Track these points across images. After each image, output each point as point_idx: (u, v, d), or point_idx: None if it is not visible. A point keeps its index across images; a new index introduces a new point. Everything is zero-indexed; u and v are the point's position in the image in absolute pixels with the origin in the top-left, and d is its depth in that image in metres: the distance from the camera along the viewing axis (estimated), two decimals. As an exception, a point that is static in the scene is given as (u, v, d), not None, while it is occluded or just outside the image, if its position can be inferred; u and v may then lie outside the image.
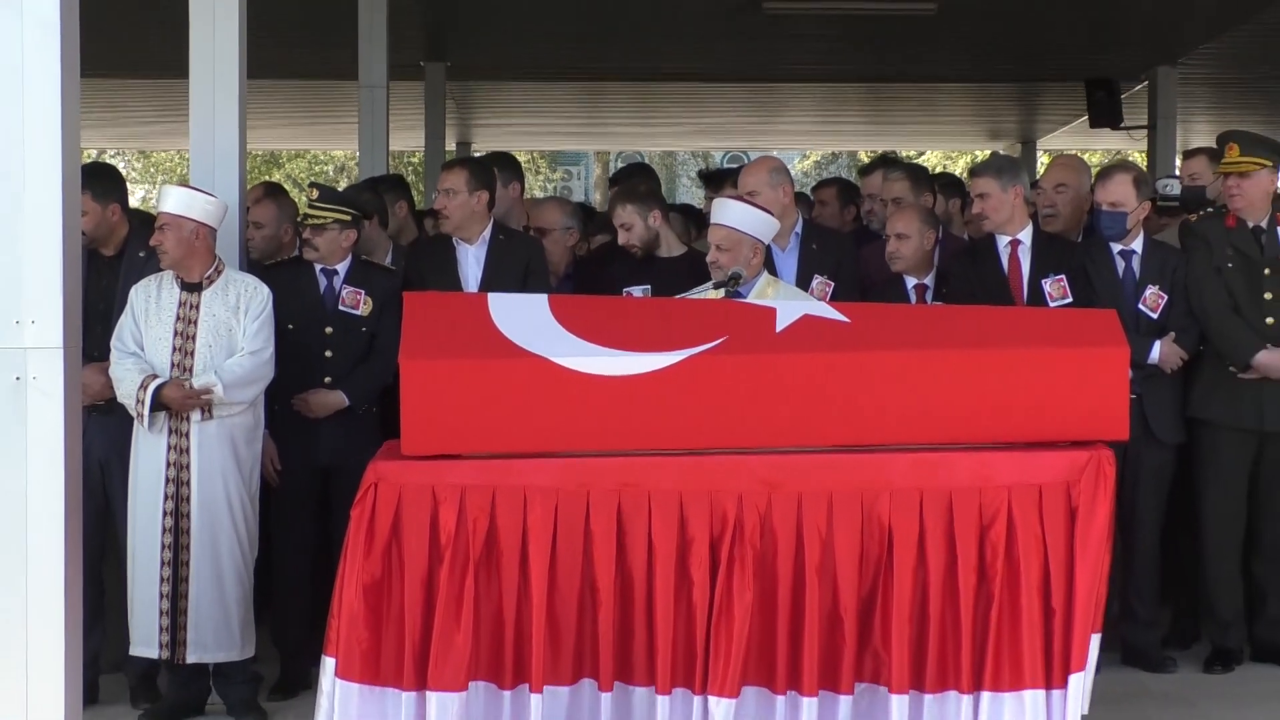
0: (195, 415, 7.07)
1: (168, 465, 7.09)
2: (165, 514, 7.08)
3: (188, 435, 7.09)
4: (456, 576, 6.05)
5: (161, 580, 7.07)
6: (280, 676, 7.61)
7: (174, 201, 7.19)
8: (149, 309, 7.16)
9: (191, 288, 7.18)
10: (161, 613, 7.06)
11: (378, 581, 6.06)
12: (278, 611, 7.53)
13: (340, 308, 7.71)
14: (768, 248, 7.77)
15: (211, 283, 7.22)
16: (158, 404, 6.98)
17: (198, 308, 7.17)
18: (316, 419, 7.58)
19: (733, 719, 6.06)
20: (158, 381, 6.98)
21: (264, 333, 7.21)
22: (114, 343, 7.15)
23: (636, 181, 9.38)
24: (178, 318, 7.14)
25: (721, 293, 7.02)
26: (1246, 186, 7.94)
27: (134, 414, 7.04)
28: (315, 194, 7.90)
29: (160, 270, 7.36)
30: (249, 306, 7.21)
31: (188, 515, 7.09)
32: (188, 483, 7.09)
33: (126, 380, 7.03)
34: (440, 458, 6.17)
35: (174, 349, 7.11)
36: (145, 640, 7.11)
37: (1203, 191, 8.91)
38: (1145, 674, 7.73)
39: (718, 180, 9.98)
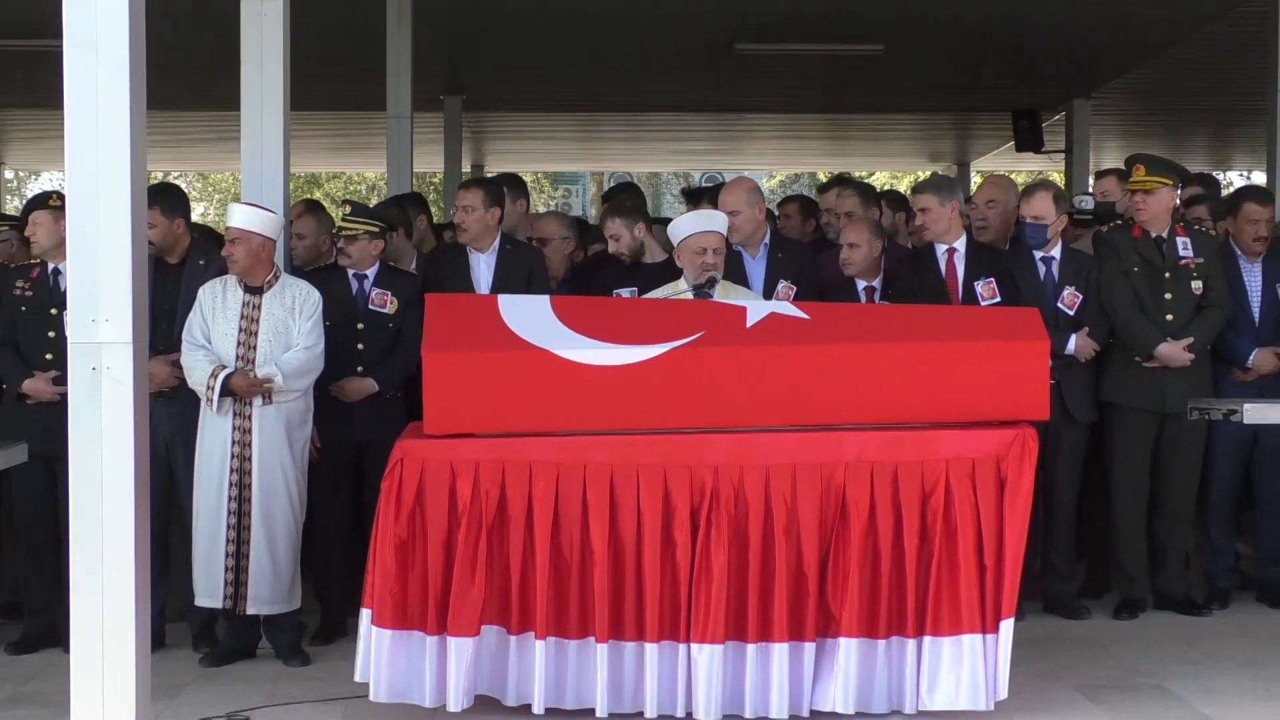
0: (257, 401, 7.07)
1: (232, 443, 7.09)
2: (230, 484, 7.08)
3: (250, 418, 7.09)
4: (471, 538, 6.07)
5: (226, 541, 7.07)
6: (321, 625, 7.59)
7: (243, 218, 7.18)
8: (215, 308, 7.16)
9: (254, 290, 7.17)
10: (226, 569, 7.07)
11: (405, 543, 6.08)
12: (319, 569, 7.53)
13: (370, 307, 7.72)
14: (740, 255, 7.87)
15: (271, 286, 7.22)
16: (225, 390, 7.00)
17: (259, 308, 7.17)
18: (351, 403, 7.58)
19: (715, 663, 6.10)
20: (226, 371, 6.99)
21: (316, 331, 7.22)
22: (185, 336, 7.14)
23: (624, 198, 9.37)
24: (242, 316, 7.13)
25: (691, 293, 7.03)
26: (1151, 202, 7.95)
27: (204, 399, 7.03)
28: (349, 210, 7.96)
29: (217, 275, 7.36)
30: (303, 308, 7.22)
31: (249, 486, 7.09)
32: (249, 458, 7.10)
33: (198, 369, 7.03)
34: (457, 436, 6.19)
35: (239, 343, 7.10)
36: (210, 593, 7.12)
37: (1113, 206, 8.90)
38: (1063, 620, 7.74)
39: (697, 196, 9.96)
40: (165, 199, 7.65)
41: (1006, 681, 6.18)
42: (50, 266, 7.50)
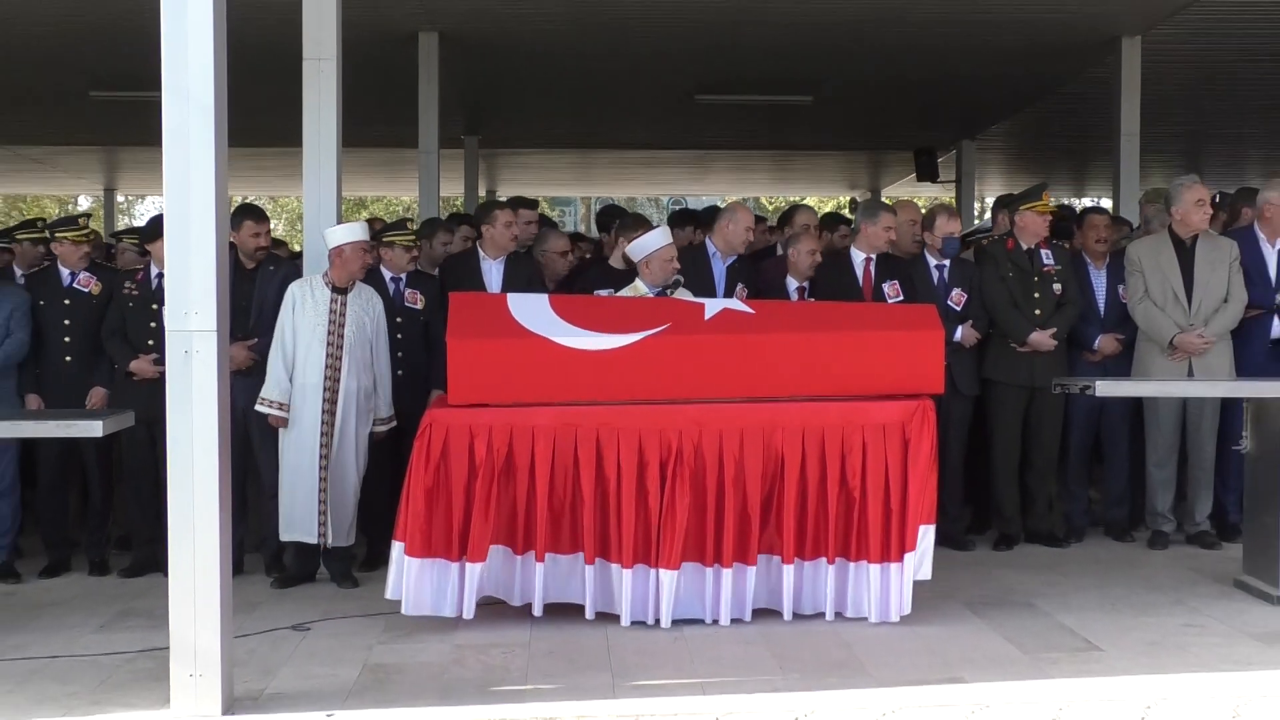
0: (342, 389, 7.10)
1: (322, 419, 7.08)
2: (321, 447, 7.08)
3: (336, 402, 7.11)
4: (485, 486, 6.09)
5: (320, 491, 7.08)
6: (366, 555, 7.57)
7: (360, 231, 7.31)
8: (304, 303, 7.12)
9: (340, 291, 7.16)
10: (319, 513, 7.09)
11: (431, 490, 6.10)
12: (365, 510, 7.49)
13: (404, 303, 7.70)
14: (709, 257, 7.90)
15: (352, 288, 7.20)
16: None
17: (344, 306, 7.15)
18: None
19: (675, 585, 6.14)
20: (272, 410, 7.11)
21: (387, 342, 7.36)
22: (276, 335, 7.12)
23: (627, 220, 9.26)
24: (330, 310, 7.11)
25: (651, 291, 7.00)
26: (1031, 224, 8.01)
27: (262, 404, 7.10)
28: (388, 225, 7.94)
29: (284, 279, 7.37)
30: (375, 314, 7.27)
31: (333, 449, 7.09)
32: (333, 432, 7.10)
33: (271, 382, 7.09)
34: (474, 406, 6.20)
35: (328, 333, 7.09)
36: (306, 530, 7.12)
37: (990, 227, 8.95)
38: (954, 551, 7.75)
39: (682, 219, 9.88)
40: (255, 216, 7.69)
41: (910, 599, 6.21)
42: (153, 271, 7.47)
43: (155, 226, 7.46)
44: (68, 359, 7.65)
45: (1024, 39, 12.08)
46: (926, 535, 6.22)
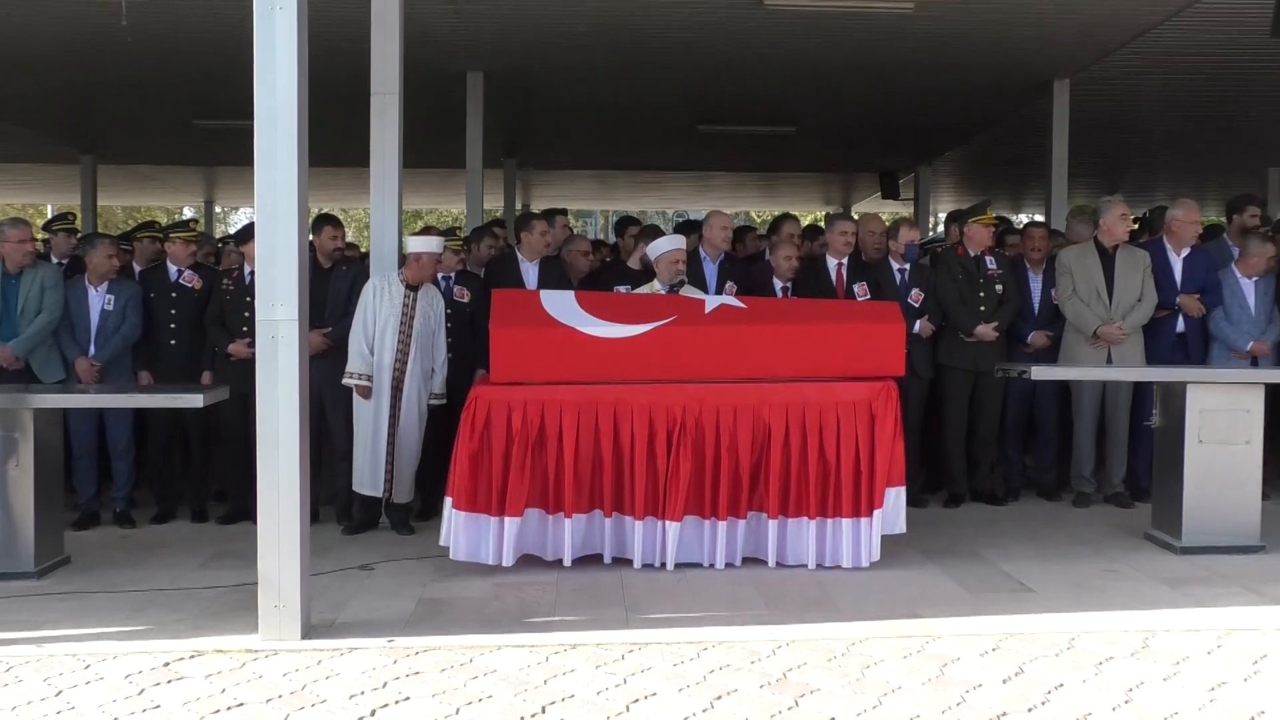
0: (408, 369, 7.07)
1: (391, 394, 7.06)
2: (390, 418, 7.05)
3: (403, 376, 7.08)
4: (521, 452, 6.07)
5: (386, 455, 7.06)
6: (421, 508, 7.56)
7: (435, 245, 7.27)
8: (381, 295, 7.09)
9: (412, 289, 7.13)
10: (386, 471, 7.07)
11: (475, 454, 6.08)
12: (423, 470, 7.47)
13: (454, 298, 7.66)
14: (700, 260, 7.84)
15: (422, 287, 7.17)
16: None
17: (415, 301, 7.12)
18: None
19: (678, 535, 6.12)
20: (360, 381, 7.05)
21: (444, 334, 7.29)
22: (355, 322, 7.09)
23: (644, 227, 9.23)
24: (404, 304, 7.09)
25: (664, 289, 6.98)
26: (978, 235, 7.97)
27: (350, 377, 7.06)
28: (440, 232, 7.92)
29: (354, 278, 7.36)
30: (438, 310, 7.24)
31: (399, 419, 7.07)
32: (401, 403, 7.07)
33: (356, 356, 7.05)
34: (512, 384, 6.17)
35: (400, 324, 7.07)
36: (374, 486, 7.11)
37: (944, 237, 8.90)
38: (911, 508, 7.63)
39: (686, 229, 9.85)
40: (334, 222, 7.75)
41: (878, 548, 6.20)
42: (246, 268, 7.45)
43: (246, 232, 7.46)
44: (172, 342, 7.67)
45: (970, 82, 12.10)
46: (896, 496, 6.21)
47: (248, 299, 7.20)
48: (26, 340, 7.22)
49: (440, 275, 7.66)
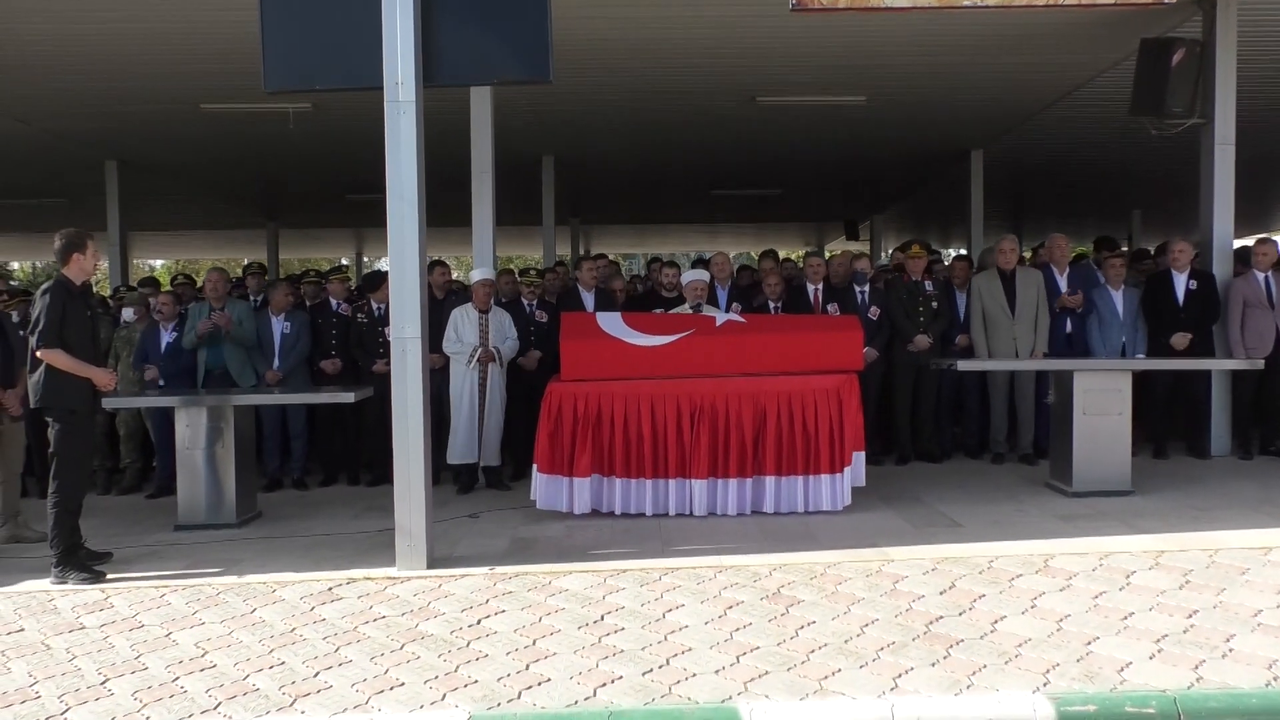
0: (493, 365, 7.05)
1: (479, 383, 7.01)
2: (477, 404, 7.00)
3: (487, 371, 7.04)
4: (585, 431, 6.03)
5: (477, 430, 7.02)
6: (513, 471, 7.55)
7: (485, 273, 7.22)
8: (464, 321, 7.06)
9: (484, 312, 7.11)
10: (475, 440, 7.01)
11: (552, 432, 6.05)
12: (515, 444, 7.44)
13: (534, 319, 7.62)
14: (714, 288, 7.75)
15: (490, 310, 7.14)
16: (473, 358, 6.98)
17: (487, 321, 7.09)
18: (530, 367, 7.46)
19: (703, 491, 6.08)
20: (477, 350, 6.96)
21: (514, 333, 7.19)
22: (447, 334, 7.03)
23: (670, 261, 9.11)
24: (480, 326, 7.05)
25: (688, 309, 6.95)
26: (912, 265, 7.86)
27: (465, 362, 6.95)
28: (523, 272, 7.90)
29: (453, 307, 7.32)
30: (505, 323, 7.16)
31: (485, 403, 7.03)
32: (486, 391, 7.04)
33: (451, 345, 7.01)
34: (578, 381, 6.13)
35: (479, 338, 7.01)
36: (464, 455, 7.06)
37: (889, 266, 8.77)
38: (872, 465, 7.61)
39: (702, 264, 9.79)
40: (444, 266, 7.75)
41: (849, 496, 6.12)
42: (373, 304, 7.49)
43: (372, 279, 7.50)
44: (333, 354, 7.68)
45: (909, 153, 12.04)
46: (860, 458, 6.14)
47: (380, 328, 7.27)
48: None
49: (526, 303, 7.63)
